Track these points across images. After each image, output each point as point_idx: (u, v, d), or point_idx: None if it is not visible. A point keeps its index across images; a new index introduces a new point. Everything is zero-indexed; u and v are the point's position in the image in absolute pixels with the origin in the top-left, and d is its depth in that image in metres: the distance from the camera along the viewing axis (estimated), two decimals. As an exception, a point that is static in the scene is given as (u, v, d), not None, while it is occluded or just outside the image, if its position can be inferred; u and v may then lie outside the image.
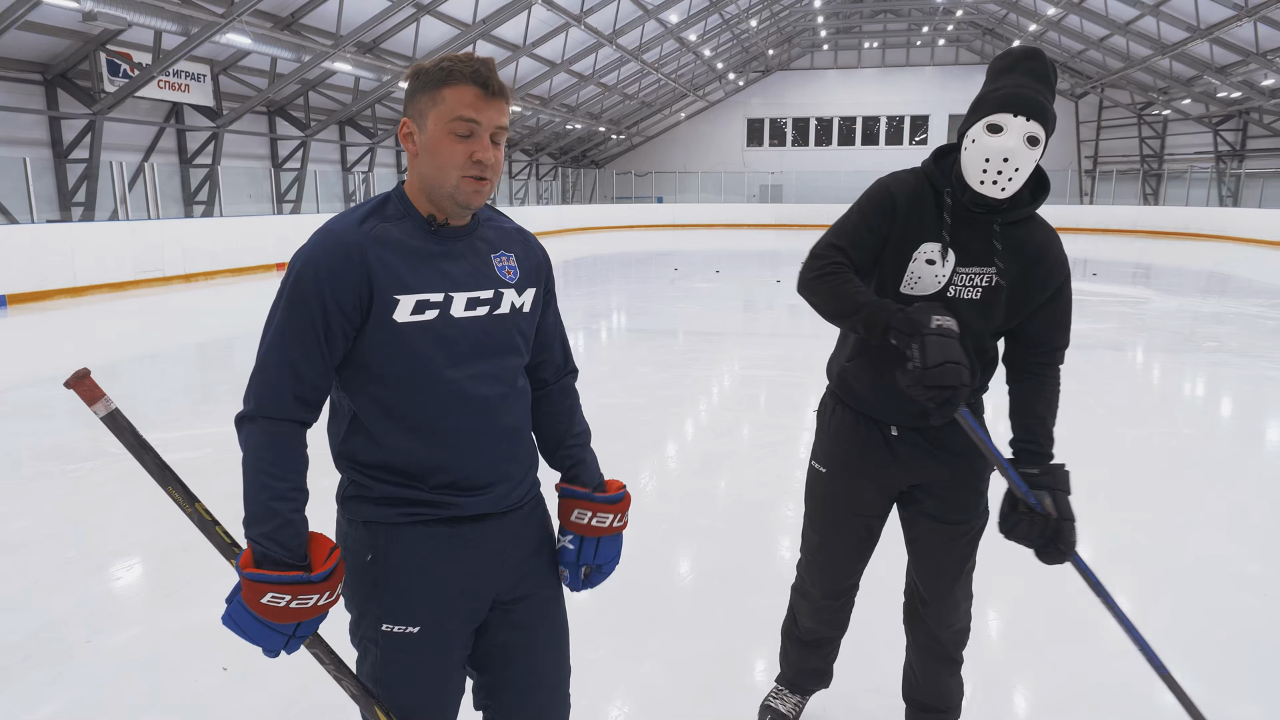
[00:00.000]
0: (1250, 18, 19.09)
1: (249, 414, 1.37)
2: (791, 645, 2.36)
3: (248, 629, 1.31)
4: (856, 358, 2.00)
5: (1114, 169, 32.31)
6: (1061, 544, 1.81)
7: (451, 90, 1.36)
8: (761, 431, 5.57)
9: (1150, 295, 12.66)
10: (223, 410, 6.13)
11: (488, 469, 1.46)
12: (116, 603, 3.21)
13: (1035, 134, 1.71)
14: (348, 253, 1.35)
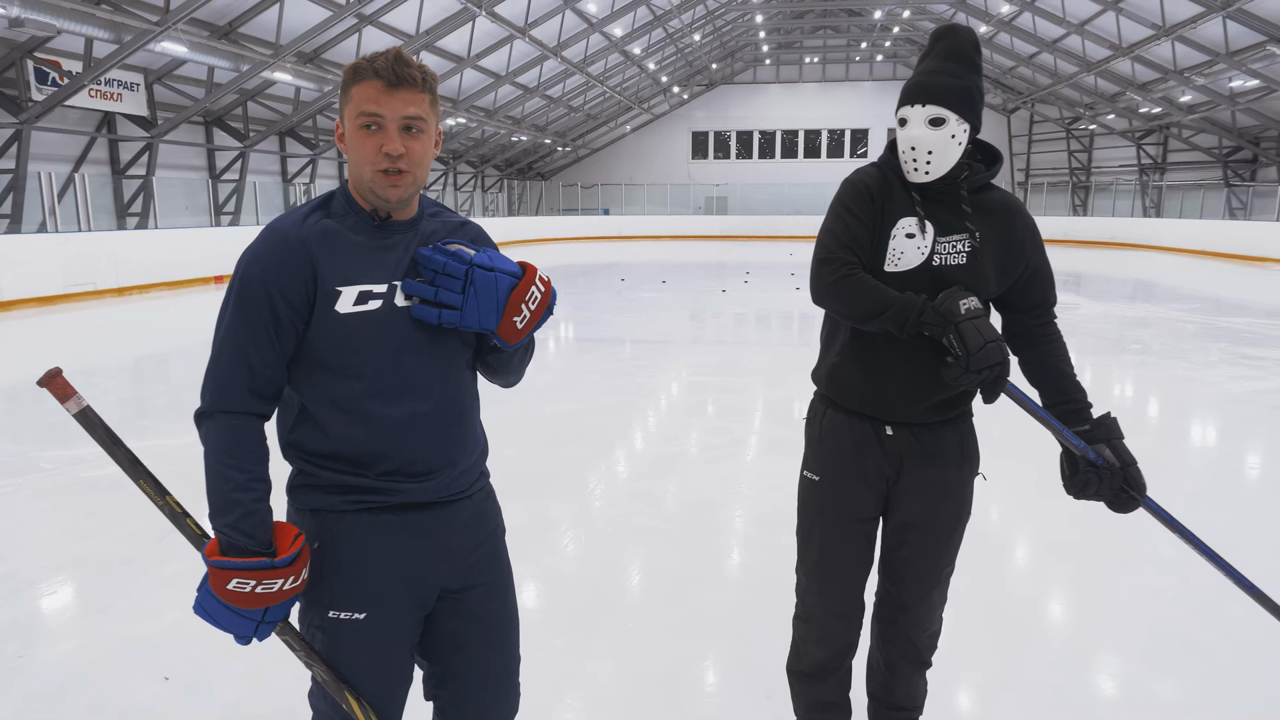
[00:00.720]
0: (1168, 37, 20.00)
1: (206, 410, 1.40)
2: (799, 683, 2.21)
3: (217, 616, 1.34)
4: (847, 351, 1.97)
5: (1045, 181, 33.44)
6: (1134, 489, 1.87)
7: (358, 87, 1.40)
8: (709, 435, 5.65)
9: (1080, 301, 13.15)
10: (159, 425, 6.01)
11: (430, 456, 1.49)
12: (51, 617, 3.14)
13: (935, 115, 1.79)
14: (292, 247, 1.39)
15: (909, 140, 1.82)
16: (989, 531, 3.81)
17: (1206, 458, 5.37)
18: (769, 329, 11.14)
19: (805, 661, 2.15)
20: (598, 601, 3.24)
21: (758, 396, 6.76)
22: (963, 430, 2.00)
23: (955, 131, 1.80)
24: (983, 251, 1.86)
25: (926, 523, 1.99)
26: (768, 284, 15.64)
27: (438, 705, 1.66)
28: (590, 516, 4.12)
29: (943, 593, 2.09)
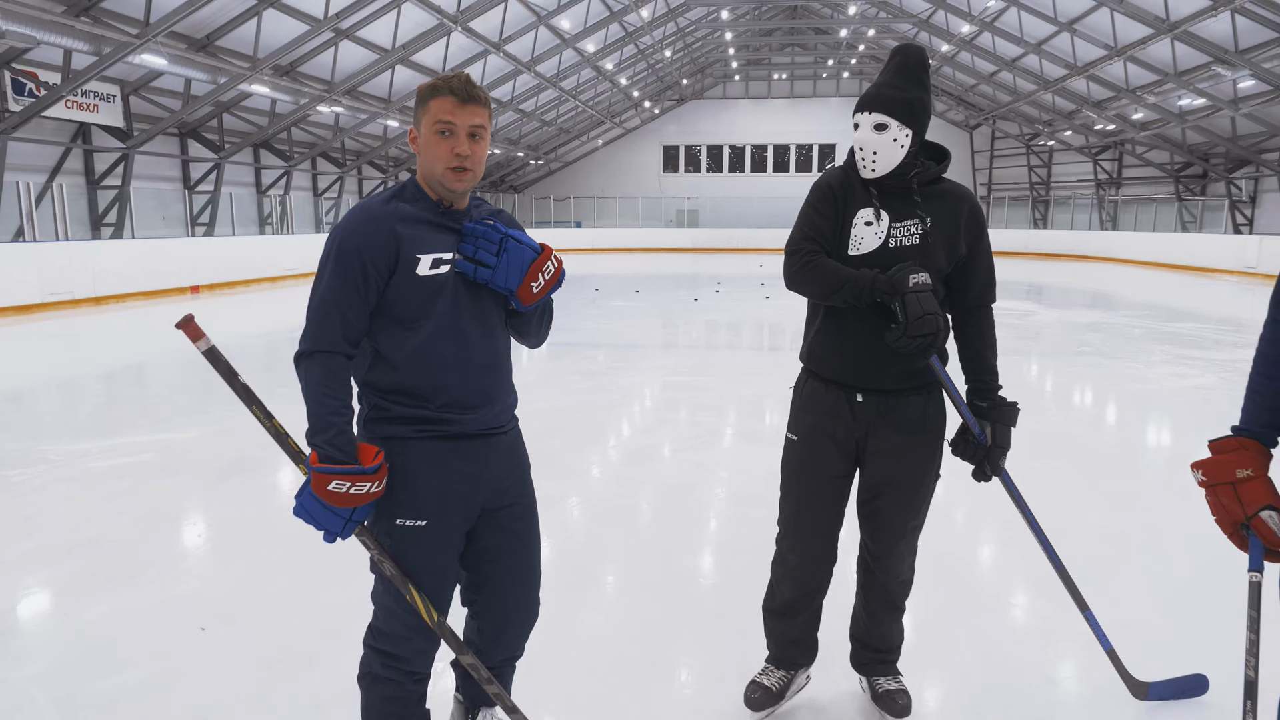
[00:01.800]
0: (1119, 58, 20.83)
1: (306, 351, 1.75)
2: (772, 619, 2.48)
3: (315, 514, 1.67)
4: (822, 328, 2.27)
5: (1006, 195, 34.35)
6: (989, 467, 2.25)
7: (435, 101, 1.77)
8: (685, 429, 5.99)
9: (1036, 309, 13.71)
10: (133, 428, 6.21)
11: (476, 393, 1.85)
12: (83, 584, 3.37)
13: (879, 122, 2.14)
14: (379, 224, 1.76)
15: (858, 141, 2.19)
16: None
17: (1136, 441, 5.84)
18: (740, 335, 11.52)
19: (779, 600, 2.45)
20: (587, 565, 3.56)
21: (730, 395, 7.11)
22: (927, 398, 2.29)
23: (897, 135, 2.15)
24: (933, 234, 2.18)
25: (894, 482, 2.28)
26: (739, 293, 16.06)
27: (472, 610, 2.00)
28: (578, 498, 4.44)
29: (911, 545, 2.39)
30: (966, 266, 2.26)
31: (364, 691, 1.93)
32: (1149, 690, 2.50)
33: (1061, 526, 3.93)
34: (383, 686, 1.90)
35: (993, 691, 2.62)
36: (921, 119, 2.18)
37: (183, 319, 1.69)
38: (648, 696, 2.59)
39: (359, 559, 3.49)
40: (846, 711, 2.51)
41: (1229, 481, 1.65)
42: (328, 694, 2.54)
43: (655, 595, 3.30)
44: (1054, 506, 4.23)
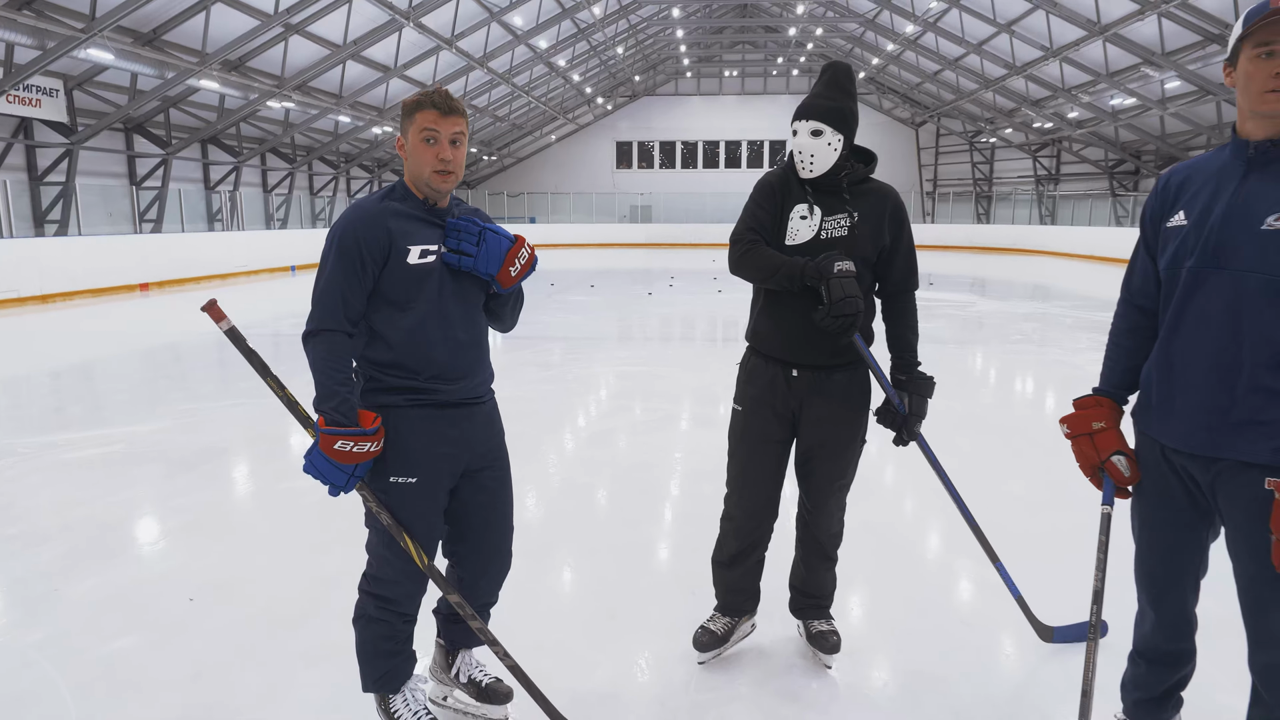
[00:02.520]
0: (1055, 59, 21.65)
1: (313, 330, 2.00)
2: (719, 570, 2.76)
3: (322, 470, 1.94)
4: (763, 310, 2.55)
5: (951, 191, 35.32)
6: (907, 433, 2.55)
7: (421, 113, 2.04)
8: (642, 414, 6.28)
9: (975, 300, 14.30)
10: (79, 425, 6.30)
11: (461, 366, 2.12)
12: (71, 561, 3.53)
13: (815, 128, 2.43)
14: (374, 219, 2.02)
15: (798, 146, 2.48)
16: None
17: (1056, 419, 6.27)
18: (693, 327, 11.85)
19: (725, 552, 2.74)
20: (553, 534, 3.82)
21: (684, 383, 7.42)
22: (854, 374, 2.58)
23: (831, 140, 2.45)
24: (859, 226, 2.49)
25: (826, 445, 2.57)
26: (692, 287, 16.41)
27: (454, 560, 2.26)
28: (543, 478, 4.69)
29: (840, 501, 2.70)
30: (890, 256, 2.56)
31: (359, 631, 2.19)
32: (1054, 634, 2.83)
33: (983, 493, 4.31)
34: (376, 626, 2.16)
35: (915, 634, 2.95)
36: (851, 125, 2.49)
37: (207, 303, 1.98)
38: (608, 644, 2.87)
39: (336, 535, 3.75)
40: (785, 652, 2.82)
41: (1087, 433, 1.99)
42: (315, 650, 2.77)
43: (615, 558, 3.58)
44: (978, 477, 4.64)
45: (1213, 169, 1.81)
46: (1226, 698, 2.38)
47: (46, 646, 2.81)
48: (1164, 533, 1.92)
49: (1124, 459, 1.95)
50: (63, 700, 2.50)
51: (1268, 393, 1.67)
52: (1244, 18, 1.69)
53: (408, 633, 2.22)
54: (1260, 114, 1.69)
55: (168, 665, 2.70)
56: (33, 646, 2.80)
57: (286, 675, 2.65)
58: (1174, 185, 1.88)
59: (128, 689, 2.56)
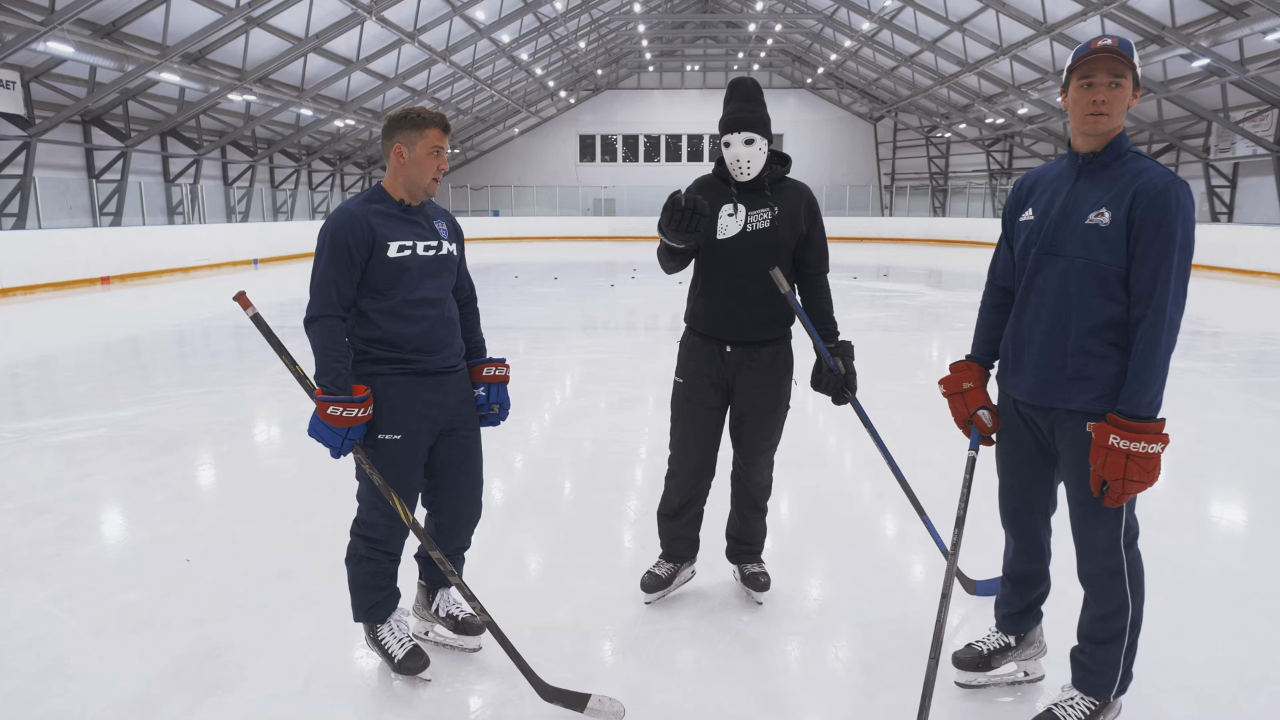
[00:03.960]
0: (1005, 56, 22.36)
1: (314, 316, 2.35)
2: (663, 521, 3.13)
3: (320, 433, 2.29)
4: (699, 295, 2.92)
5: (908, 185, 36.12)
6: (849, 389, 2.92)
7: (431, 130, 2.44)
8: (607, 397, 6.65)
9: (924, 290, 14.89)
10: (79, 409, 6.52)
11: (438, 341, 2.49)
12: (70, 529, 3.81)
13: (748, 138, 2.80)
14: (360, 219, 2.38)
15: (735, 155, 2.83)
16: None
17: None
18: (655, 316, 12.23)
19: (669, 506, 3.12)
20: (520, 499, 4.18)
21: (646, 370, 7.79)
22: (780, 349, 2.98)
23: (760, 145, 2.83)
24: (779, 219, 2.88)
25: (755, 409, 2.95)
26: (654, 279, 16.78)
27: (431, 509, 2.63)
28: (517, 455, 5.04)
29: (769, 459, 3.08)
30: (806, 244, 2.95)
31: (350, 569, 2.56)
32: (977, 587, 3.21)
33: (915, 461, 4.77)
34: (366, 564, 2.53)
35: (836, 576, 3.36)
36: (771, 131, 2.89)
37: (237, 294, 2.37)
38: (566, 588, 3.24)
39: (317, 504, 4.08)
40: (722, 593, 3.22)
41: (959, 391, 2.41)
42: (305, 598, 3.12)
43: (577, 516, 3.97)
44: (910, 448, 5.07)
45: (1054, 174, 2.24)
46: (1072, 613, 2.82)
47: (61, 599, 3.11)
48: (1018, 472, 2.35)
49: (987, 413, 2.38)
50: (79, 639, 2.82)
51: (1089, 354, 2.09)
52: (1073, 54, 2.10)
53: (393, 570, 2.59)
54: (1084, 132, 2.11)
55: (173, 612, 3.02)
56: (48, 600, 3.11)
57: (281, 618, 2.98)
58: (1025, 187, 2.31)
59: (140, 630, 2.88)
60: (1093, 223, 2.07)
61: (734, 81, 2.90)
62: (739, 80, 2.89)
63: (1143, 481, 1.97)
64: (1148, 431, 1.96)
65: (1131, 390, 2.00)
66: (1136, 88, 2.07)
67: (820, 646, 2.85)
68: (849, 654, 2.79)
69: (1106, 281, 2.06)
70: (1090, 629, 2.19)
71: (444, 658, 2.74)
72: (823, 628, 2.97)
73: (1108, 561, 2.12)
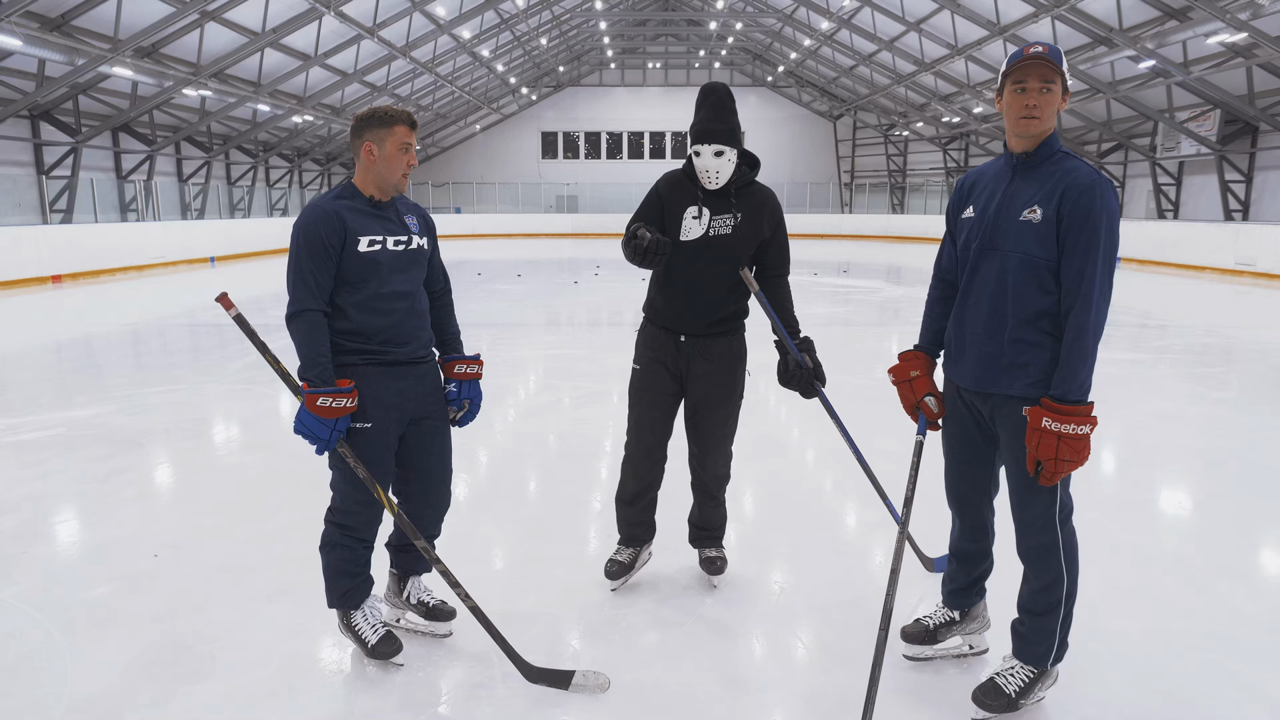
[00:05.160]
0: (960, 56, 22.80)
1: (295, 312, 2.40)
2: (622, 507, 3.21)
3: (310, 425, 2.34)
4: (658, 289, 3.02)
5: (867, 182, 36.62)
6: (819, 382, 3.01)
7: (399, 127, 2.50)
8: (572, 392, 6.72)
9: (883, 286, 15.17)
10: (35, 408, 6.44)
11: (407, 333, 2.56)
12: (35, 528, 3.80)
13: (718, 149, 2.88)
14: (331, 215, 2.43)
15: (704, 166, 2.90)
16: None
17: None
18: (619, 312, 12.32)
19: (627, 491, 3.21)
20: (488, 491, 4.25)
21: (610, 365, 7.88)
22: (733, 340, 3.09)
23: (730, 157, 2.92)
24: (742, 225, 2.98)
25: (709, 398, 3.05)
26: (617, 276, 16.87)
27: (402, 497, 2.69)
28: (482, 451, 5.10)
29: (725, 449, 3.18)
30: (768, 247, 3.06)
31: (324, 556, 2.61)
32: (934, 564, 3.33)
33: (874, 450, 4.94)
34: (340, 551, 2.59)
35: (796, 560, 3.49)
36: (741, 140, 2.97)
37: (220, 295, 2.40)
38: (533, 577, 3.32)
39: (284, 498, 4.11)
40: (684, 578, 3.33)
41: (906, 380, 2.53)
42: (275, 590, 3.16)
43: (543, 509, 4.05)
44: (869, 437, 5.22)
45: (993, 173, 2.37)
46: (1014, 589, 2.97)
47: (27, 596, 3.11)
48: (962, 456, 2.48)
49: (933, 400, 2.51)
50: (49, 634, 2.83)
51: (1024, 343, 2.23)
52: (1008, 59, 2.24)
53: (366, 557, 2.65)
54: (1017, 134, 2.24)
55: (143, 606, 3.04)
56: (14, 597, 3.11)
57: (251, 611, 3.02)
58: (967, 186, 2.44)
59: (109, 625, 2.90)
60: (1026, 219, 2.21)
61: (707, 88, 2.96)
62: (711, 88, 2.95)
63: (1073, 461, 2.11)
64: (1077, 414, 2.10)
65: (1062, 376, 2.14)
66: (1065, 92, 2.21)
67: (780, 627, 2.97)
68: (808, 634, 2.91)
69: (1039, 274, 2.19)
70: (1029, 601, 2.33)
71: (416, 643, 2.81)
72: (783, 609, 3.09)
73: (1044, 537, 2.26)
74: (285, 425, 5.65)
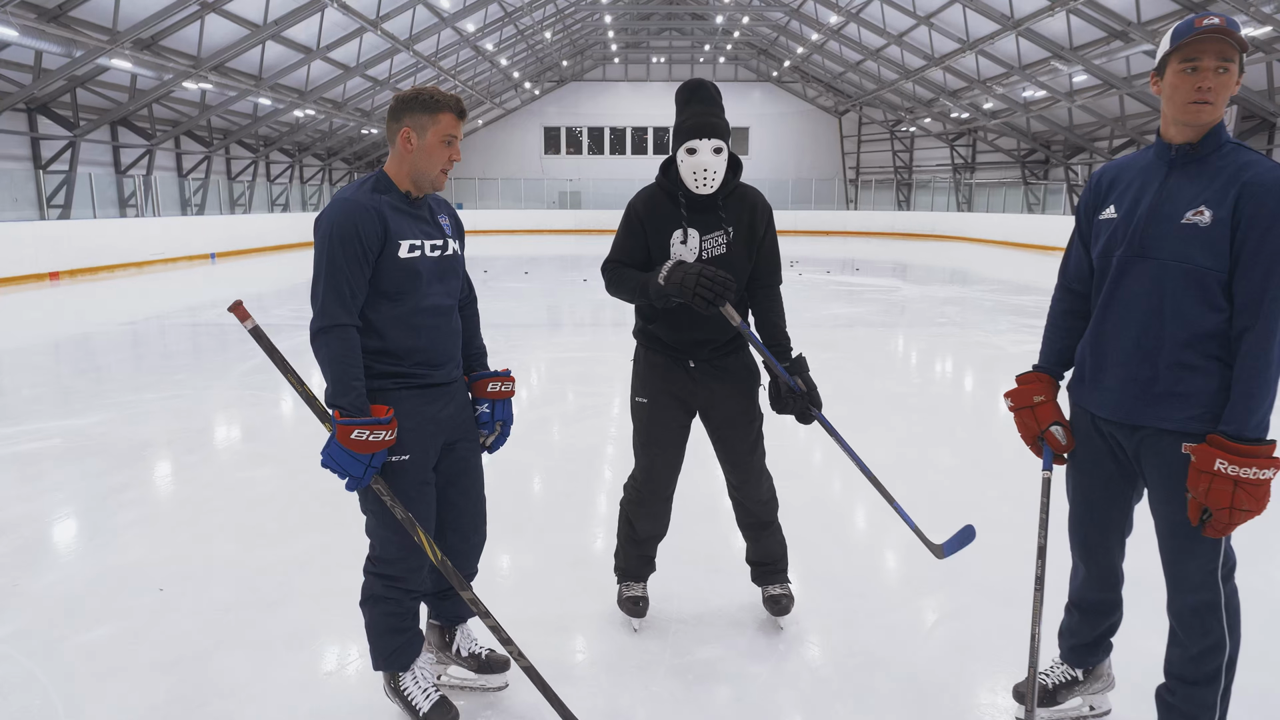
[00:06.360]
0: (971, 51, 22.43)
1: (323, 328, 2.04)
2: (631, 546, 2.93)
3: (341, 461, 1.99)
4: (658, 321, 2.68)
5: (873, 179, 36.24)
6: (814, 407, 2.66)
7: (444, 115, 2.14)
8: (581, 399, 6.40)
9: (900, 285, 14.83)
10: (35, 416, 6.12)
11: (444, 353, 2.24)
12: (26, 557, 3.48)
13: (717, 146, 2.55)
14: (370, 211, 2.08)
15: (702, 164, 2.51)
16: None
17: (978, 399, 6.66)
18: (627, 313, 11.97)
19: (638, 530, 2.91)
20: (509, 508, 3.92)
21: (617, 366, 7.53)
22: (740, 355, 2.77)
23: (726, 153, 2.59)
24: (735, 241, 2.64)
25: (731, 421, 2.75)
26: (625, 274, 16.53)
27: (435, 535, 2.33)
28: (494, 458, 4.77)
29: (762, 468, 2.85)
30: (763, 259, 2.71)
31: (367, 612, 2.27)
32: (943, 549, 2.94)
33: (914, 462, 4.66)
34: (384, 604, 2.24)
35: (827, 578, 3.18)
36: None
37: (233, 304, 2.02)
38: (578, 617, 3.00)
39: (299, 521, 3.77)
40: (744, 618, 3.01)
41: (1029, 405, 2.20)
42: (295, 632, 2.83)
43: (558, 515, 3.72)
44: (907, 449, 4.92)
45: (1139, 167, 2.03)
46: (1148, 643, 2.64)
47: (20, 639, 2.79)
48: (1095, 495, 2.15)
49: (1061, 429, 2.17)
50: (44, 689, 2.51)
51: (1184, 367, 1.89)
52: (1172, 33, 1.89)
53: (414, 610, 2.31)
54: (1183, 122, 1.91)
55: (148, 652, 2.72)
56: (5, 640, 2.78)
57: (269, 657, 2.70)
58: (1105, 182, 2.09)
59: (110, 678, 2.58)
60: (1189, 221, 1.88)
61: (693, 83, 2.64)
62: (700, 82, 2.63)
63: (1251, 510, 1.79)
64: (1259, 455, 1.78)
65: (1238, 410, 1.81)
66: (1241, 72, 1.87)
67: (843, 673, 2.65)
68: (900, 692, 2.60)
69: (1206, 288, 1.86)
70: (1181, 668, 2.01)
71: (467, 700, 2.49)
72: (841, 653, 2.77)
73: (1203, 595, 1.94)
74: (296, 434, 5.33)
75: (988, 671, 2.64)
